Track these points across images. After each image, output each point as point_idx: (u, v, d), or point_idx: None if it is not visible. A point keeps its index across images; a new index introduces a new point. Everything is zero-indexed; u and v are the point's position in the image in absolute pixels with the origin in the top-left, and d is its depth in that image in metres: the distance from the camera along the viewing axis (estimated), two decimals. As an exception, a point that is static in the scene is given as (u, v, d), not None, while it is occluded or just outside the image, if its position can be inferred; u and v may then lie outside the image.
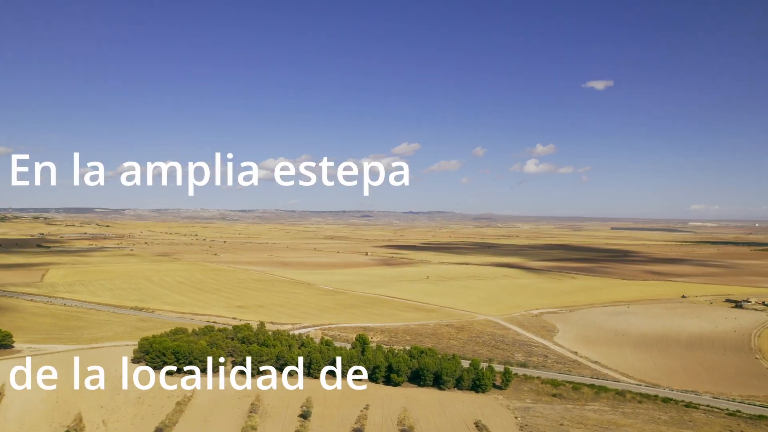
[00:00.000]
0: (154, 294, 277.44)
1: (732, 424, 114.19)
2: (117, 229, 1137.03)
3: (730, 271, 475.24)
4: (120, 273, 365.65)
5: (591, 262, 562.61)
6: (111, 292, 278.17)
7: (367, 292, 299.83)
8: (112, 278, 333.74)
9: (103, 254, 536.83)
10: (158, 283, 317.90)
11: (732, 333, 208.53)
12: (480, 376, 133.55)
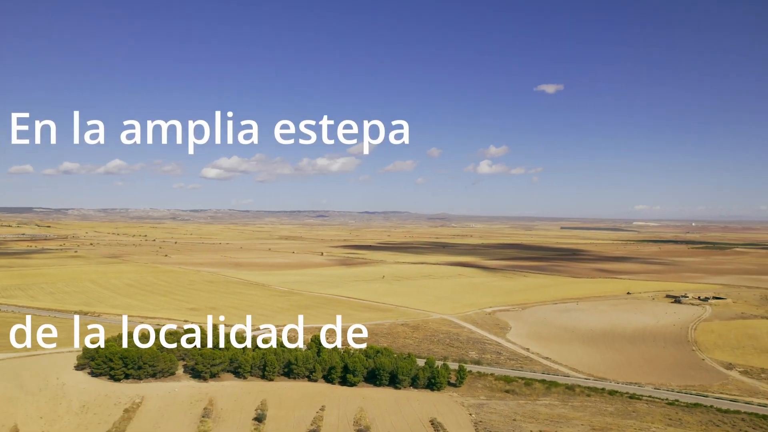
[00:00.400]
0: (101, 297, 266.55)
1: (671, 413, 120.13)
2: (59, 229, 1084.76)
3: (670, 268, 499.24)
4: (63, 276, 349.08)
5: (542, 260, 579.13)
6: (53, 296, 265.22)
7: (322, 293, 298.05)
8: (54, 281, 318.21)
9: (44, 256, 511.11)
10: (105, 286, 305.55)
11: (672, 327, 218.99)
12: (435, 375, 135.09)
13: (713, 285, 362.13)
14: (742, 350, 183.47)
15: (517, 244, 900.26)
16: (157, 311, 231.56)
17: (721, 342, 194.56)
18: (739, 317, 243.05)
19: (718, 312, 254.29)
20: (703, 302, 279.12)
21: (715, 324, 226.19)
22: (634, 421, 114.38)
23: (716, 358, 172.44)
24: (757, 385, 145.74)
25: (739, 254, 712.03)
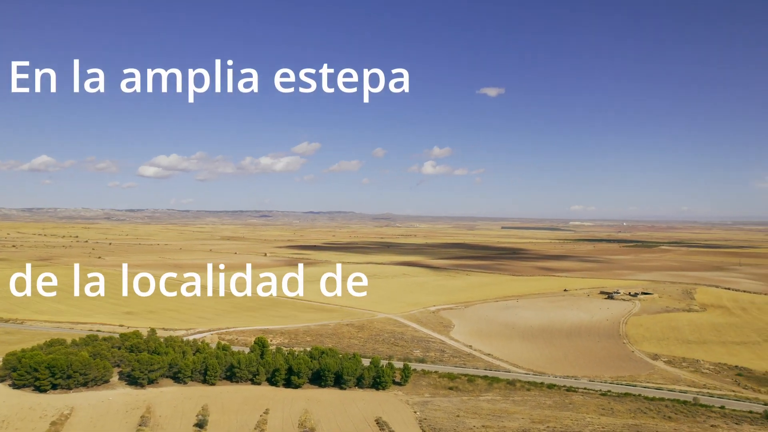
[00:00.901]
0: (25, 302, 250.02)
1: (604, 403, 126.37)
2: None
3: (603, 266, 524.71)
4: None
5: (484, 259, 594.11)
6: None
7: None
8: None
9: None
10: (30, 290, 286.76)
11: (605, 322, 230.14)
12: (380, 374, 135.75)
13: (642, 281, 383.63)
14: (667, 341, 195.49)
15: (461, 244, 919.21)
16: (90, 316, 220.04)
17: (648, 335, 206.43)
18: (664, 311, 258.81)
19: (646, 306, 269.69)
20: (633, 298, 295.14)
21: (643, 318, 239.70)
22: (570, 413, 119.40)
23: (644, 350, 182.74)
24: (679, 374, 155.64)
25: (664, 252, 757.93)
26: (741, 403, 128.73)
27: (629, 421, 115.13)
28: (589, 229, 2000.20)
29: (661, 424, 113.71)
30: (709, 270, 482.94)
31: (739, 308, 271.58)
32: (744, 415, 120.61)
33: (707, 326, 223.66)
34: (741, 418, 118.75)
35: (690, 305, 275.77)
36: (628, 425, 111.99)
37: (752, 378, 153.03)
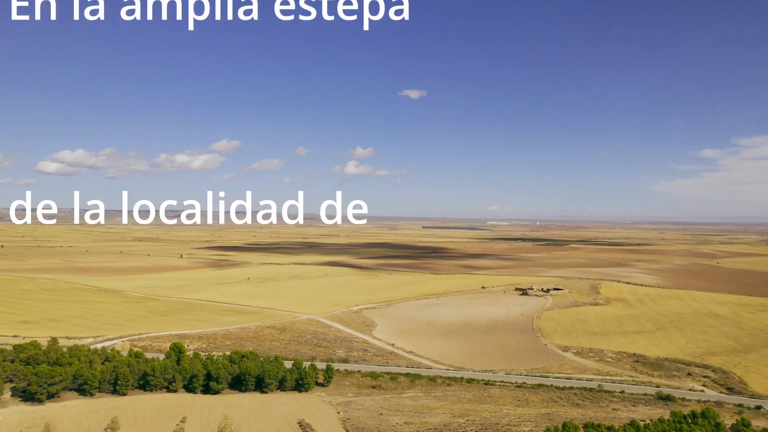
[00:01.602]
0: None
1: (519, 395, 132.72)
2: None
3: (518, 263, 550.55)
4: None
5: (407, 258, 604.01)
6: None
7: (183, 297, 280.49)
8: None
9: None
10: None
11: (520, 317, 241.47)
12: (303, 376, 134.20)
13: (553, 277, 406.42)
14: (575, 334, 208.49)
15: (383, 243, 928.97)
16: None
17: (560, 328, 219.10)
18: (573, 305, 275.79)
19: (557, 301, 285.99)
20: (546, 293, 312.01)
21: (554, 312, 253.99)
22: (489, 405, 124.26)
23: (555, 342, 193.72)
24: (586, 363, 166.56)
25: (573, 250, 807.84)
26: (637, 387, 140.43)
27: (542, 410, 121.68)
28: (505, 228, 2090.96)
29: (571, 411, 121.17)
30: (612, 266, 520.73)
31: (637, 300, 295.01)
32: (640, 398, 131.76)
33: (611, 318, 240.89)
34: (637, 401, 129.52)
35: (596, 299, 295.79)
36: (542, 414, 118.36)
37: (647, 363, 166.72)
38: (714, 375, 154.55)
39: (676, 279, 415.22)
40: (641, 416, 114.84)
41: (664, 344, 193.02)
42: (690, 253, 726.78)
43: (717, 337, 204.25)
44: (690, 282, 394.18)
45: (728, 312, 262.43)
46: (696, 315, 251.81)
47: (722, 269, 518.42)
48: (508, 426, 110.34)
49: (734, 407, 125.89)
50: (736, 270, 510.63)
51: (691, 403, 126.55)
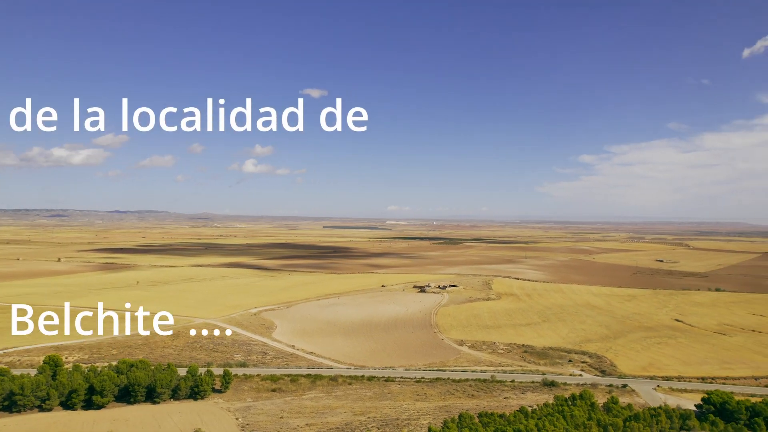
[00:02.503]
0: None
1: (418, 389, 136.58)
2: None
3: (417, 262, 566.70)
4: None
5: (307, 258, 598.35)
6: None
7: (61, 305, 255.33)
8: None
9: None
10: None
11: (418, 314, 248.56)
12: (198, 383, 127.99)
13: (449, 275, 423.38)
14: (470, 328, 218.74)
15: (284, 244, 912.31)
16: None
17: (455, 323, 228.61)
18: (468, 301, 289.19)
19: (453, 298, 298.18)
20: (442, 290, 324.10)
21: (450, 308, 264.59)
22: (389, 402, 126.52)
23: (452, 337, 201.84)
24: (480, 356, 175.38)
25: (467, 248, 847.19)
26: (526, 376, 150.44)
27: (440, 403, 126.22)
28: (404, 228, 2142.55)
29: (467, 402, 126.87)
30: (503, 263, 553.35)
31: (525, 295, 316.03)
32: (528, 385, 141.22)
33: (502, 312, 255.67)
34: (526, 388, 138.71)
35: (488, 295, 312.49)
36: (439, 407, 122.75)
37: (534, 353, 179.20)
38: (590, 360, 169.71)
39: (559, 274, 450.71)
40: (529, 402, 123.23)
41: (549, 334, 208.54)
42: (571, 250, 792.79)
43: (593, 326, 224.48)
44: (571, 276, 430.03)
45: (602, 303, 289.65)
46: (576, 306, 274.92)
47: (597, 264, 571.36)
48: (408, 420, 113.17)
49: (606, 387, 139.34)
50: (608, 264, 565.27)
51: (572, 387, 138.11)
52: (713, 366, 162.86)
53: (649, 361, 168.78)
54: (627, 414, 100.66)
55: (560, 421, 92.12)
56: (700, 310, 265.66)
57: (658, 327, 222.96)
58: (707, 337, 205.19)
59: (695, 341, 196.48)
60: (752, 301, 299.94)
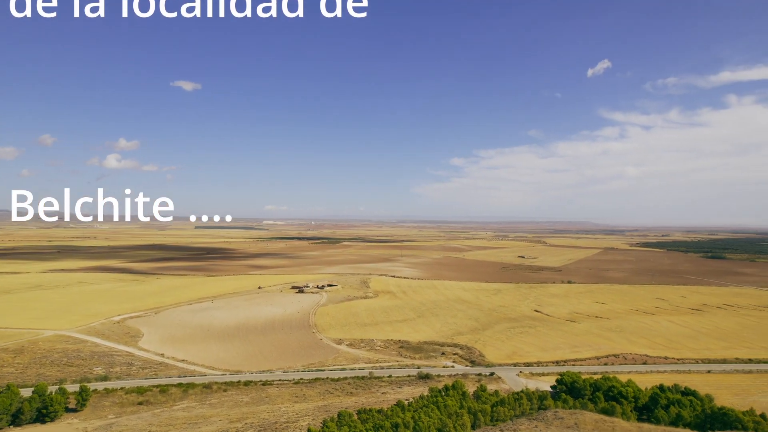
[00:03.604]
0: None
1: (297, 391, 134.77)
2: None
3: (295, 262, 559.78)
4: None
5: (178, 261, 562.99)
6: None
7: None
8: None
9: None
10: None
11: (297, 314, 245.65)
12: (48, 403, 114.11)
13: (328, 274, 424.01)
14: (349, 327, 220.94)
15: (152, 245, 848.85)
16: None
17: (334, 322, 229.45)
18: (346, 300, 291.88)
19: (331, 297, 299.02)
20: (321, 290, 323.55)
21: (329, 308, 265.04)
22: (267, 406, 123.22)
23: (330, 336, 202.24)
24: (358, 354, 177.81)
25: (346, 247, 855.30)
26: (402, 370, 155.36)
27: (319, 403, 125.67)
28: (282, 227, 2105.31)
29: (346, 400, 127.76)
30: (380, 261, 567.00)
31: (401, 292, 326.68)
32: (404, 380, 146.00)
33: (379, 310, 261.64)
34: (402, 382, 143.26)
35: (366, 293, 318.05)
36: (319, 407, 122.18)
37: (410, 348, 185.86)
38: (461, 352, 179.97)
39: (432, 271, 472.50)
40: (406, 396, 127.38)
41: (424, 329, 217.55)
42: (443, 248, 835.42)
43: (463, 319, 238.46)
44: (443, 273, 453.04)
45: (472, 297, 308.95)
46: (448, 302, 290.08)
47: (467, 261, 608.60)
48: (287, 423, 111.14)
49: (476, 376, 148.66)
50: (477, 261, 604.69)
51: (445, 378, 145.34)
52: (565, 350, 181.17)
53: (513, 349, 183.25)
54: (494, 400, 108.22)
55: (434, 412, 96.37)
56: (555, 301, 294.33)
57: (521, 318, 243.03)
58: (561, 324, 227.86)
59: (551, 329, 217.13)
60: (596, 291, 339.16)
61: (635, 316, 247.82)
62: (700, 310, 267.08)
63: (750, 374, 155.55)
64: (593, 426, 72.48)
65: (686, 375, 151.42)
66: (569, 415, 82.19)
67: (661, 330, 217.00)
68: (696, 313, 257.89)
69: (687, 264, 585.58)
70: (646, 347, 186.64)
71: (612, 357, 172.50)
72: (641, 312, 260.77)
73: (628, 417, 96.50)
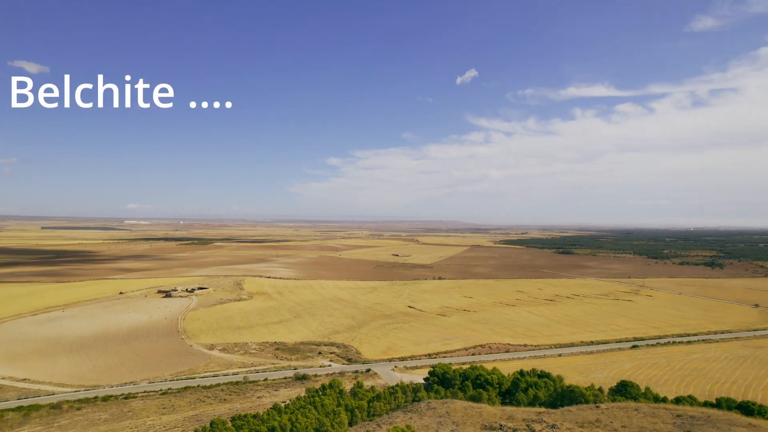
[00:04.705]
0: None
1: (165, 402, 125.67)
2: None
3: (161, 264, 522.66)
4: None
5: (21, 266, 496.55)
6: None
7: None
8: None
9: None
10: None
11: (164, 320, 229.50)
12: None
13: (199, 277, 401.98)
14: (221, 331, 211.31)
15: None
16: None
17: (205, 327, 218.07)
18: (219, 303, 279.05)
19: (202, 301, 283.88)
20: (191, 293, 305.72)
21: (200, 312, 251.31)
22: (130, 421, 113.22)
23: (201, 342, 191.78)
24: (232, 358, 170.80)
25: (217, 248, 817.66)
26: (279, 372, 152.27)
27: (190, 413, 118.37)
28: (146, 228, 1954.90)
29: (219, 407, 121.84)
30: (255, 262, 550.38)
31: (277, 293, 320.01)
32: (281, 382, 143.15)
33: (254, 312, 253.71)
34: (279, 385, 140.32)
35: (240, 295, 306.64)
36: (189, 417, 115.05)
37: (286, 349, 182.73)
38: (338, 350, 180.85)
39: (309, 271, 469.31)
40: (282, 398, 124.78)
41: (300, 330, 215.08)
42: (319, 248, 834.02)
43: (340, 318, 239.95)
44: (320, 273, 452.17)
45: (348, 296, 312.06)
46: (325, 301, 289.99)
47: (343, 260, 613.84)
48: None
49: (352, 374, 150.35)
50: (353, 260, 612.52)
51: (322, 378, 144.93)
52: (437, 343, 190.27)
53: (388, 345, 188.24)
54: (371, 395, 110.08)
55: (312, 412, 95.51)
56: (427, 297, 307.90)
57: (395, 314, 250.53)
58: (432, 319, 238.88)
59: (424, 324, 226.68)
60: (464, 286, 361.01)
61: (499, 309, 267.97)
62: (554, 301, 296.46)
63: (591, 354, 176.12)
64: (463, 413, 76.63)
65: (542, 360, 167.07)
66: (441, 405, 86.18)
67: (521, 320, 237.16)
68: (550, 304, 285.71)
69: (543, 259, 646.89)
70: (509, 336, 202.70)
71: (479, 347, 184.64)
72: (504, 304, 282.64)
73: (493, 402, 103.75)
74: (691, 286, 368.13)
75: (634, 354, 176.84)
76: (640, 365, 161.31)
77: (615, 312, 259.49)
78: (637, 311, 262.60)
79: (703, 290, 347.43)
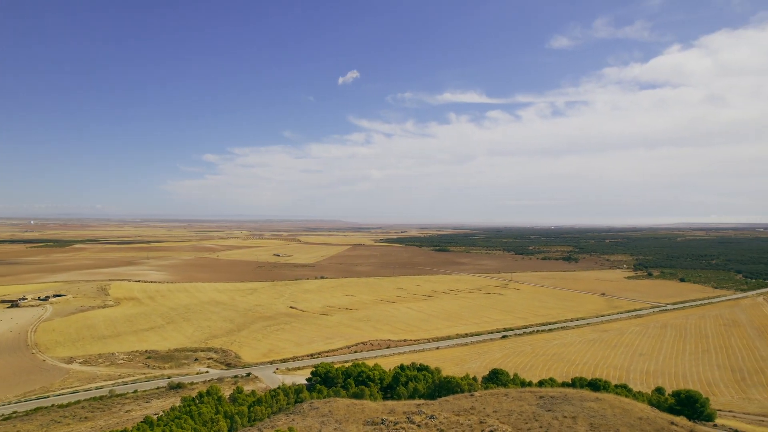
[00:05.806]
0: None
1: (8, 429, 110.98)
2: None
3: (6, 270, 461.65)
4: None
5: None
6: None
7: None
8: None
9: None
10: None
11: (8, 333, 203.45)
12: None
13: (55, 283, 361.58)
14: (83, 342, 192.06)
15: None
16: None
17: (62, 338, 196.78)
18: (79, 311, 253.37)
19: (59, 309, 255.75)
20: (44, 302, 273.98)
21: (56, 322, 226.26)
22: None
23: (58, 356, 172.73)
24: (95, 371, 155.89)
25: (78, 250, 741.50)
26: (151, 383, 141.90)
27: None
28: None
29: (78, 427, 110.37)
30: (122, 265, 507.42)
31: (148, 298, 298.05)
32: (153, 393, 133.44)
33: (121, 319, 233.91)
34: (151, 396, 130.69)
35: (105, 301, 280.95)
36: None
37: (159, 358, 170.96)
38: (216, 356, 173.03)
39: (183, 273, 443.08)
40: (155, 410, 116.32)
41: (174, 336, 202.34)
42: (195, 248, 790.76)
43: (218, 322, 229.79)
44: (196, 275, 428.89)
45: (227, 298, 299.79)
46: (201, 304, 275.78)
47: (221, 261, 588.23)
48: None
49: (232, 379, 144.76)
50: (232, 261, 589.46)
51: (199, 385, 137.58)
52: (320, 343, 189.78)
53: (270, 347, 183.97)
54: (251, 400, 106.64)
55: (188, 422, 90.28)
56: (309, 296, 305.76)
57: (277, 315, 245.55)
58: (315, 318, 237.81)
59: (306, 324, 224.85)
60: (346, 285, 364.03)
61: (380, 306, 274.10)
62: (431, 296, 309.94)
63: (466, 346, 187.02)
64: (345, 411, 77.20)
65: (421, 353, 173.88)
66: (324, 404, 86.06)
67: (401, 316, 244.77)
68: (428, 299, 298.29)
69: (421, 257, 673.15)
70: (390, 333, 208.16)
71: (361, 345, 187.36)
72: (385, 301, 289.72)
73: (375, 398, 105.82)
74: (552, 279, 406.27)
75: (504, 344, 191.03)
76: (509, 353, 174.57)
77: (487, 305, 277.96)
78: (506, 304, 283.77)
79: (562, 282, 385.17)
